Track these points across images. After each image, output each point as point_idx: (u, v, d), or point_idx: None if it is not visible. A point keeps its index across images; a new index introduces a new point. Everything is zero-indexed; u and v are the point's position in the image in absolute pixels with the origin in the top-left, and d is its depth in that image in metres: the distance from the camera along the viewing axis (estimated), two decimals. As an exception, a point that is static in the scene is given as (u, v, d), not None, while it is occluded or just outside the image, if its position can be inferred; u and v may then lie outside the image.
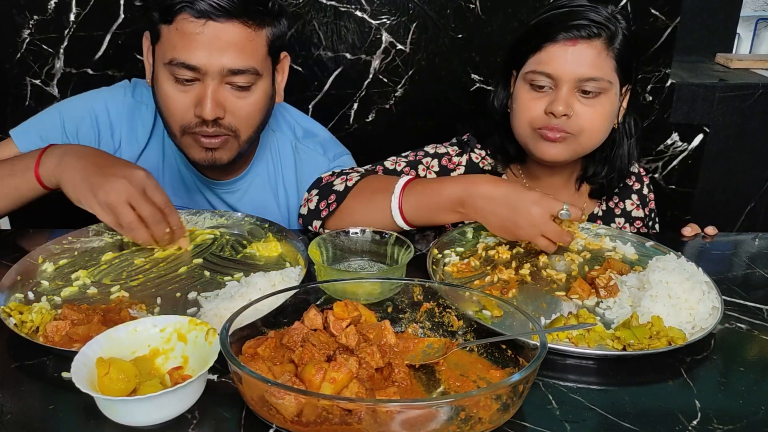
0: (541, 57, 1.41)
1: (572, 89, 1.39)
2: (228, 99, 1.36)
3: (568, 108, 1.39)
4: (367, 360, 0.89)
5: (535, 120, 1.42)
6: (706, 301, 1.12)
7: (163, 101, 1.38)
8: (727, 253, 1.45)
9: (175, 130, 1.40)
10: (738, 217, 2.46)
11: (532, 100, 1.43)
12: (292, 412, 0.78)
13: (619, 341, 1.03)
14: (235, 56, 1.32)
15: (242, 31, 1.32)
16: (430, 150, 1.59)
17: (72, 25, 1.92)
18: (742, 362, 1.03)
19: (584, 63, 1.38)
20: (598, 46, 1.38)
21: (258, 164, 1.61)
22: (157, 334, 0.94)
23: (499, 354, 0.96)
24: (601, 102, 1.41)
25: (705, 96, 2.24)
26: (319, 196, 1.42)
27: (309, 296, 1.04)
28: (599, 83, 1.39)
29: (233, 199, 1.61)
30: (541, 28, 1.42)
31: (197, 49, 1.30)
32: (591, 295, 1.19)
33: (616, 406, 0.91)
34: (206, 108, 1.32)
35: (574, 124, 1.40)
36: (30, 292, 1.15)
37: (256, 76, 1.37)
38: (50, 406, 0.88)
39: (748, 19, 3.71)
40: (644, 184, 1.69)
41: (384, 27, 2.03)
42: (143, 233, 1.24)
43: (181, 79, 1.33)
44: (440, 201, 1.30)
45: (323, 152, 1.63)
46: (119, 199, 1.20)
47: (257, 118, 1.43)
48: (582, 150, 1.46)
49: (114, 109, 1.55)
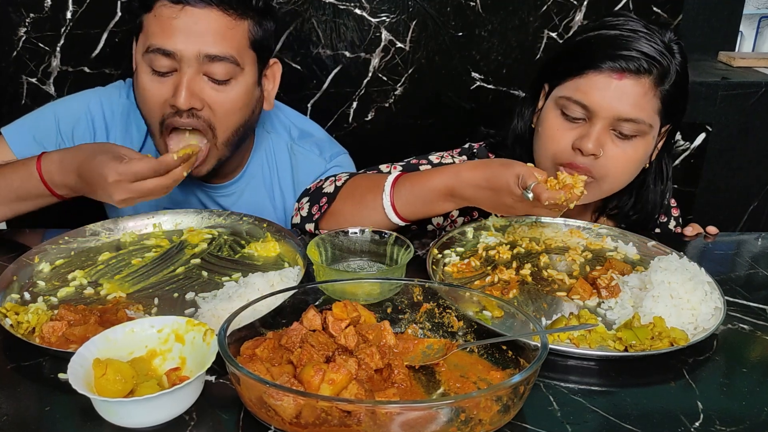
0: (580, 83, 1.28)
1: (607, 127, 1.27)
2: (205, 90, 1.34)
3: (598, 147, 1.26)
4: (366, 361, 0.90)
5: (560, 154, 1.31)
6: (708, 301, 1.12)
7: (141, 94, 1.37)
8: (730, 253, 1.45)
9: (154, 128, 1.39)
10: (741, 216, 2.46)
11: (561, 130, 1.31)
12: (291, 413, 0.78)
13: (621, 342, 1.03)
14: (212, 42, 1.31)
15: (221, 18, 1.32)
16: (434, 159, 1.52)
17: (68, 23, 1.91)
18: (744, 363, 1.03)
19: (627, 101, 1.25)
20: (646, 84, 1.26)
21: (253, 166, 1.60)
22: (154, 335, 0.94)
23: (499, 355, 0.96)
24: (636, 146, 1.29)
25: (707, 94, 2.24)
26: (311, 202, 1.40)
27: (308, 297, 1.04)
28: (639, 126, 1.27)
29: (228, 202, 1.60)
30: (586, 50, 1.29)
31: (173, 35, 1.30)
32: (592, 295, 1.19)
33: (618, 408, 0.91)
34: (180, 96, 1.30)
35: (601, 167, 1.29)
36: (26, 292, 1.15)
37: (235, 68, 1.35)
38: (46, 408, 0.88)
39: (751, 17, 3.71)
40: (671, 217, 1.61)
41: (383, 25, 2.03)
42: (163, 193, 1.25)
43: (158, 71, 1.32)
44: (431, 193, 1.25)
45: (319, 153, 1.62)
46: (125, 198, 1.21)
47: (236, 116, 1.40)
48: (600, 195, 1.37)
49: (109, 109, 1.54)
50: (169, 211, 1.44)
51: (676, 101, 1.31)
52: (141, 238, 1.37)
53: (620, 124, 1.26)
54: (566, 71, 1.32)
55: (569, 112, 1.30)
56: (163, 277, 1.23)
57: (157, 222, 1.42)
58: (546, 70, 1.41)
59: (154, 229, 1.40)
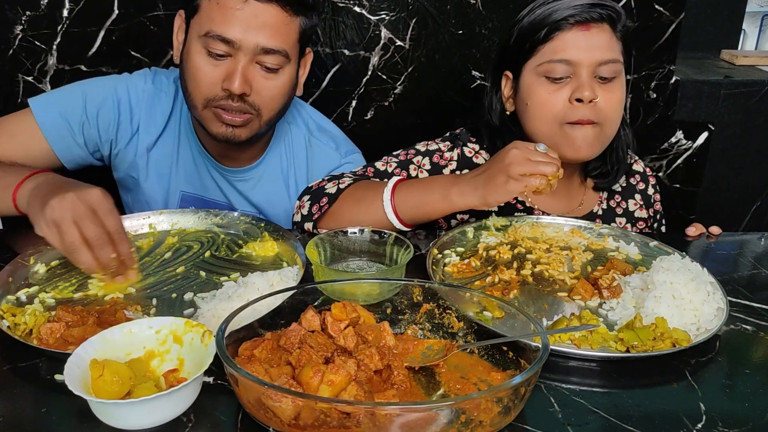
0: (555, 46, 1.40)
1: (591, 74, 1.39)
2: (256, 78, 1.42)
3: (593, 93, 1.37)
4: (365, 362, 0.90)
5: (560, 113, 1.40)
6: (710, 302, 1.12)
7: (192, 73, 1.43)
8: (733, 253, 1.45)
9: (198, 102, 1.44)
10: (743, 216, 2.46)
11: (552, 93, 1.41)
12: (290, 415, 0.78)
13: (623, 343, 1.03)
14: (269, 36, 1.39)
15: (279, 14, 1.40)
16: (421, 148, 1.58)
17: (65, 21, 1.91)
18: (747, 364, 1.03)
19: (600, 46, 1.38)
20: (607, 28, 1.40)
21: (272, 155, 1.65)
22: (152, 336, 0.94)
23: (500, 356, 0.96)
24: (618, 86, 1.42)
25: (710, 93, 2.24)
26: (311, 201, 1.43)
27: (306, 297, 1.04)
28: (615, 66, 1.39)
29: (246, 187, 1.64)
30: (547, 18, 1.40)
31: (235, 24, 1.37)
32: (594, 296, 1.19)
33: (620, 409, 0.91)
34: (235, 82, 1.38)
35: (600, 112, 1.39)
36: (22, 293, 1.15)
37: (285, 60, 1.43)
38: (43, 409, 0.88)
39: (753, 14, 3.71)
40: (649, 185, 1.68)
41: (383, 23, 2.03)
42: (86, 256, 1.12)
43: (214, 53, 1.39)
44: (430, 191, 1.31)
45: (336, 147, 1.68)
46: (63, 216, 1.11)
47: (280, 101, 1.49)
48: (606, 141, 1.45)
49: (135, 94, 1.59)
50: (166, 211, 1.45)
51: (628, 41, 1.46)
52: (136, 238, 1.37)
53: (600, 69, 1.39)
54: (534, 44, 1.43)
55: (554, 74, 1.40)
56: (161, 277, 1.23)
57: (152, 222, 1.42)
58: (505, 57, 1.51)
59: (149, 229, 1.41)
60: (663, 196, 1.75)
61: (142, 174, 1.62)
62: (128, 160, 1.61)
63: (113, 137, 1.58)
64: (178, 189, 1.64)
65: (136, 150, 1.60)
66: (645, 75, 2.18)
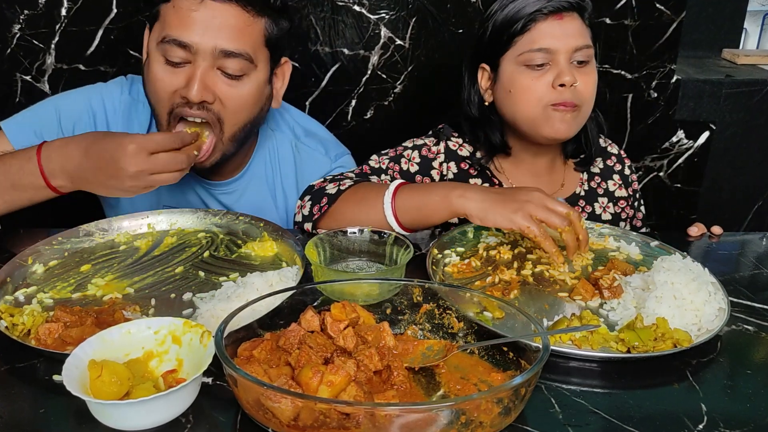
0: (532, 36, 1.46)
1: (568, 60, 1.46)
2: (218, 85, 1.35)
3: (574, 77, 1.44)
4: (365, 363, 0.90)
5: (544, 97, 1.46)
6: (712, 302, 1.12)
7: (152, 83, 1.37)
8: (734, 254, 1.45)
9: (162, 118, 1.39)
10: (745, 216, 2.46)
11: (534, 79, 1.47)
12: (289, 416, 0.78)
13: (624, 343, 1.03)
14: (228, 38, 1.32)
15: (239, 15, 1.34)
16: (408, 144, 1.63)
17: (63, 20, 1.91)
18: (749, 365, 1.03)
19: (573, 33, 1.46)
20: (577, 16, 1.48)
21: (255, 165, 1.60)
22: (151, 336, 0.94)
23: (500, 356, 0.96)
24: (592, 70, 1.50)
25: (711, 92, 2.24)
26: (312, 202, 1.43)
27: (306, 297, 1.04)
28: (588, 50, 1.47)
29: (230, 200, 1.60)
30: (521, 11, 1.47)
31: (191, 27, 1.31)
32: (594, 296, 1.19)
33: (620, 410, 0.91)
34: (193, 89, 1.31)
35: (580, 95, 1.46)
36: (20, 294, 1.15)
37: (248, 64, 1.36)
38: (41, 410, 0.88)
39: (755, 13, 3.71)
40: (625, 165, 1.74)
41: (383, 22, 2.03)
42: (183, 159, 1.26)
43: (171, 61, 1.33)
44: (430, 199, 1.32)
45: (325, 152, 1.63)
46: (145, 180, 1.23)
47: (246, 112, 1.41)
48: (582, 121, 1.53)
49: (111, 106, 1.54)
50: (165, 210, 1.43)
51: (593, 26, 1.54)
52: (135, 238, 1.37)
53: (576, 54, 1.46)
54: (511, 36, 1.49)
55: (534, 62, 1.47)
56: (160, 277, 1.23)
57: (151, 222, 1.42)
58: (480, 51, 1.57)
59: (148, 229, 1.41)
60: (664, 196, 1.76)
61: None
62: None
63: None
64: (161, 203, 1.57)
65: None
66: (646, 74, 2.18)
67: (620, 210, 1.68)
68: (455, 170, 1.59)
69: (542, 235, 1.22)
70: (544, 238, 1.22)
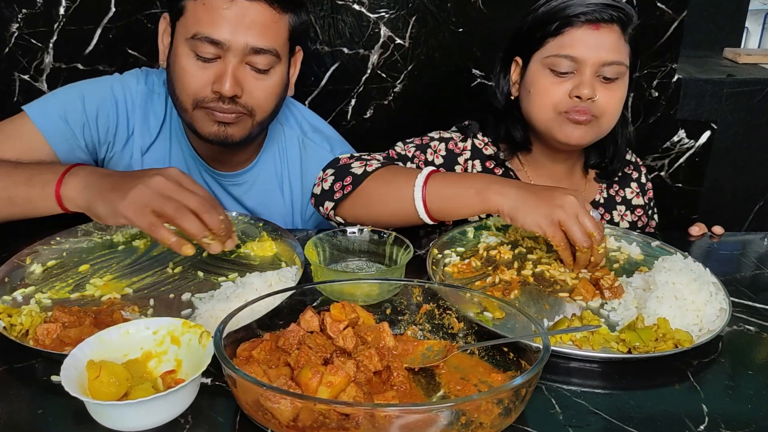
0: (563, 41, 1.43)
1: (594, 73, 1.43)
2: (246, 79, 1.39)
3: (594, 91, 1.42)
4: (365, 363, 0.90)
5: (559, 103, 1.44)
6: (713, 302, 1.12)
7: (180, 76, 1.40)
8: (736, 254, 1.45)
9: (187, 105, 1.42)
10: (746, 216, 2.46)
11: (554, 84, 1.45)
12: (288, 416, 0.78)
13: (624, 344, 1.03)
14: (258, 35, 1.37)
15: (267, 12, 1.37)
16: (435, 135, 1.61)
17: (62, 19, 1.91)
18: (750, 365, 1.03)
19: (606, 47, 1.42)
20: (617, 30, 1.43)
21: (265, 157, 1.63)
22: (149, 337, 0.94)
23: (500, 357, 0.96)
24: (619, 86, 1.46)
25: (713, 92, 2.24)
26: (335, 177, 1.40)
27: (305, 297, 1.04)
28: (619, 68, 1.43)
29: (239, 191, 1.62)
30: (559, 12, 1.44)
31: (222, 25, 1.34)
32: (595, 296, 1.19)
33: (621, 411, 0.91)
34: (225, 84, 1.36)
35: (598, 108, 1.44)
36: (18, 294, 1.15)
37: (275, 59, 1.41)
38: (39, 410, 0.88)
39: (756, 12, 3.71)
40: (642, 173, 1.74)
41: (382, 21, 2.03)
42: (194, 221, 1.12)
43: (202, 56, 1.36)
44: (467, 184, 1.30)
45: (330, 149, 1.65)
46: (157, 194, 1.12)
47: (273, 102, 1.47)
48: (601, 133, 1.50)
49: (129, 96, 1.57)
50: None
51: (637, 44, 1.50)
52: (133, 237, 1.37)
53: (604, 69, 1.43)
54: (545, 35, 1.46)
55: (558, 68, 1.44)
56: (159, 277, 1.23)
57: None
58: (516, 44, 1.55)
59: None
60: (665, 195, 1.76)
61: None
62: (123, 164, 1.57)
63: (111, 139, 1.55)
64: None
65: (131, 153, 1.57)
66: (647, 73, 2.18)
67: (637, 218, 1.68)
68: (480, 168, 1.58)
69: (564, 245, 1.22)
70: (565, 248, 1.22)
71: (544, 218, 1.20)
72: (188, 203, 1.12)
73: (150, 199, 1.11)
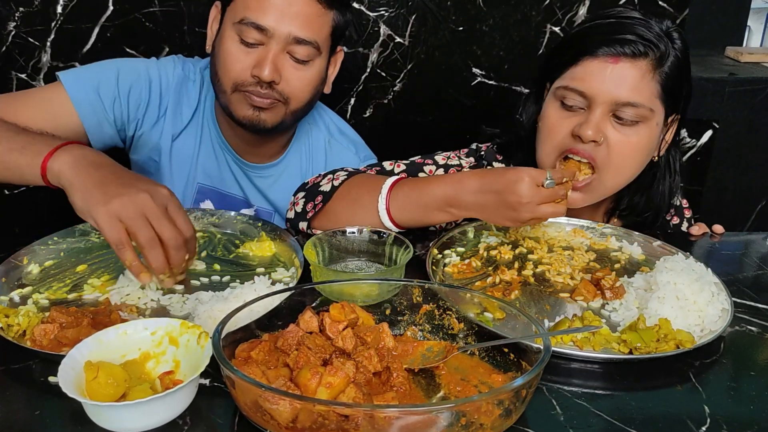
0: (576, 72, 1.30)
1: (607, 113, 1.28)
2: (286, 67, 1.46)
3: (598, 133, 1.27)
4: (364, 364, 0.89)
5: (561, 143, 1.32)
6: (715, 302, 1.12)
7: (224, 58, 1.48)
8: (738, 254, 1.45)
9: (227, 86, 1.49)
10: (748, 216, 2.46)
11: (560, 120, 1.32)
12: (287, 417, 0.78)
13: (626, 344, 1.03)
14: (302, 26, 1.44)
15: (313, 5, 1.45)
16: (440, 160, 1.51)
17: (59, 18, 1.91)
18: (752, 366, 1.03)
19: (625, 85, 1.26)
20: (643, 67, 1.26)
21: (292, 155, 1.70)
22: (147, 338, 0.94)
23: (501, 358, 0.96)
24: (639, 132, 1.29)
25: (714, 90, 2.24)
26: (306, 198, 1.41)
27: (304, 298, 1.04)
28: (638, 110, 1.27)
29: (264, 184, 1.68)
30: (581, 39, 1.31)
31: (269, 12, 1.42)
32: (596, 296, 1.19)
33: (622, 412, 0.91)
34: (265, 69, 1.43)
35: (603, 156, 1.29)
36: (15, 294, 1.15)
37: (316, 52, 1.48)
38: (36, 412, 0.88)
39: (759, 11, 3.70)
40: (684, 219, 1.61)
41: (382, 19, 2.03)
42: (160, 256, 1.11)
43: (246, 41, 1.44)
44: (428, 201, 1.26)
45: (355, 151, 1.73)
46: (137, 213, 1.09)
47: (308, 93, 1.53)
48: (605, 192, 1.36)
49: (165, 78, 1.62)
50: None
51: (677, 86, 1.31)
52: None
53: (620, 109, 1.27)
54: (563, 62, 1.33)
55: (568, 101, 1.31)
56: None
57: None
58: (546, 67, 1.41)
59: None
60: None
61: (164, 159, 1.63)
62: (151, 143, 1.62)
63: (141, 117, 1.59)
64: (195, 181, 1.66)
65: (161, 134, 1.62)
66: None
67: None
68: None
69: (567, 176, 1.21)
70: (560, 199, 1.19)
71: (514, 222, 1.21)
72: (162, 233, 1.10)
73: (127, 217, 1.09)
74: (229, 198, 1.68)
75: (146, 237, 1.09)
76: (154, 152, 1.63)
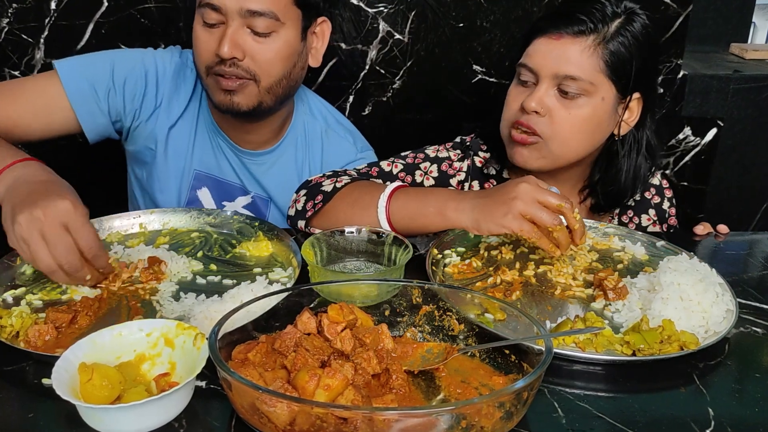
0: (528, 50, 1.42)
1: (551, 86, 1.39)
2: (247, 42, 1.47)
3: (540, 105, 1.38)
4: (363, 366, 0.90)
5: (511, 115, 1.43)
6: (719, 303, 1.12)
7: (194, 43, 1.52)
8: (742, 254, 1.45)
9: (201, 71, 1.53)
10: (753, 215, 2.46)
11: (517, 95, 1.43)
12: (285, 420, 0.78)
13: (629, 346, 1.03)
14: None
15: None
16: (430, 153, 1.58)
17: (53, 14, 1.91)
18: (757, 368, 1.03)
19: (565, 59, 1.36)
20: (584, 43, 1.37)
21: (288, 143, 1.70)
22: (143, 339, 0.94)
23: (502, 359, 0.96)
24: (580, 105, 1.38)
25: (719, 88, 2.24)
26: (307, 197, 1.43)
27: (302, 299, 1.04)
28: (580, 83, 1.36)
29: (259, 170, 1.69)
30: (538, 21, 1.43)
31: None
32: (599, 297, 1.19)
33: (626, 414, 0.91)
34: (224, 47, 1.44)
35: (546, 127, 1.39)
36: (8, 295, 1.15)
37: (276, 22, 1.47)
38: (30, 414, 0.88)
39: (764, 7, 3.71)
40: (665, 198, 1.66)
41: (381, 15, 2.03)
42: (62, 278, 1.12)
43: (208, 23, 1.47)
44: (426, 209, 1.30)
45: (352, 142, 1.74)
46: (32, 236, 1.09)
47: (277, 67, 1.51)
48: (555, 158, 1.43)
49: (162, 67, 1.64)
50: (157, 210, 1.45)
51: (628, 64, 1.39)
52: (126, 238, 1.37)
53: (562, 82, 1.37)
54: (525, 44, 1.45)
55: (522, 77, 1.43)
56: (152, 278, 1.23)
57: (143, 222, 1.42)
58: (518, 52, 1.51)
59: (140, 229, 1.41)
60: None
61: (160, 147, 1.65)
62: (147, 132, 1.64)
63: (138, 108, 1.61)
64: (192, 168, 1.68)
65: (156, 123, 1.63)
66: (652, 69, 2.18)
67: None
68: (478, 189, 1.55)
69: (536, 235, 1.19)
70: (538, 238, 1.19)
71: (504, 217, 1.19)
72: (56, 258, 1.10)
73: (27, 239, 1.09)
74: (225, 185, 1.69)
75: (41, 265, 1.11)
76: (150, 141, 1.64)
